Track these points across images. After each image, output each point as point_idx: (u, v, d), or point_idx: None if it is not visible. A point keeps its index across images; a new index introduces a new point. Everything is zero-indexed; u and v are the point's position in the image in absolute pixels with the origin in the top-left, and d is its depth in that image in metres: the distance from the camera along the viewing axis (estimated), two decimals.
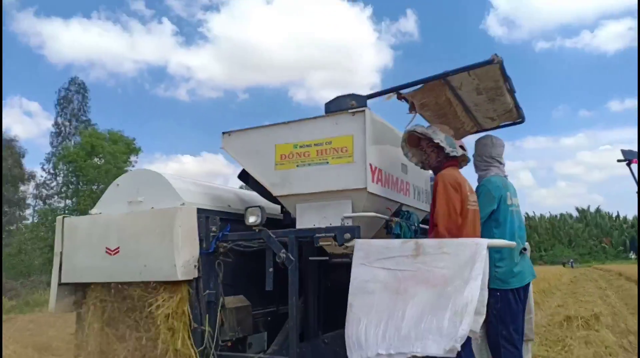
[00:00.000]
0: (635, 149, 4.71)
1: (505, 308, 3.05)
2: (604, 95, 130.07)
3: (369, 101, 3.09)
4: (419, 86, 3.05)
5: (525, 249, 3.25)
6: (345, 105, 3.01)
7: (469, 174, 3.19)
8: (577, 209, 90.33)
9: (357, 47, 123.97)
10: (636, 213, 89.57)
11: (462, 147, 3.06)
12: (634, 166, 4.64)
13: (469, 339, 2.42)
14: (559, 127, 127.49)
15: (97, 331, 3.28)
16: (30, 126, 61.28)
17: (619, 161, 4.57)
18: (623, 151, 4.58)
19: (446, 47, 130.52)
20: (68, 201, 26.78)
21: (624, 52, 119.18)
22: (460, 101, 3.34)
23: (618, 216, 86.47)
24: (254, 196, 3.78)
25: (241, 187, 4.86)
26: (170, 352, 2.95)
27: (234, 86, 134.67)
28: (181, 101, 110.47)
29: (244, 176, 3.53)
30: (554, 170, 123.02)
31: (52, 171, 29.05)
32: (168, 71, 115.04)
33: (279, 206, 3.55)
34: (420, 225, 3.43)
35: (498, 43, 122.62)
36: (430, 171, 3.41)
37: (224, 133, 3.40)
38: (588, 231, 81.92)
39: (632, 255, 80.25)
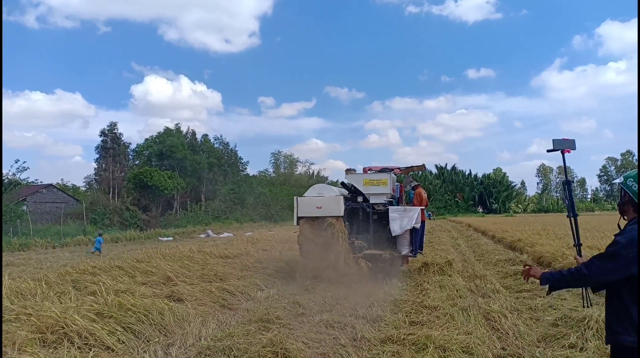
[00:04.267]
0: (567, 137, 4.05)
1: (423, 224, 11.85)
2: (463, 62, 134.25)
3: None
4: (405, 167, 11.71)
5: (426, 207, 11.99)
6: (386, 171, 11.45)
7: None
8: (436, 166, 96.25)
9: None
10: (487, 171, 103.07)
11: (414, 179, 11.76)
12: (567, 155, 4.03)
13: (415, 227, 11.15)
14: (423, 90, 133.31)
15: (305, 234, 11.29)
16: None
17: (548, 151, 4.02)
18: (554, 141, 4.05)
19: (325, 1, 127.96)
20: None
21: (481, 24, 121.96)
22: (412, 168, 12.07)
23: (470, 173, 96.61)
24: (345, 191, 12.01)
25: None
26: (341, 241, 11.10)
27: (93, 17, 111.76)
28: (29, 29, 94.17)
29: (343, 184, 11.86)
30: (417, 130, 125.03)
31: None
32: None
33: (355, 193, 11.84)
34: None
35: (372, 4, 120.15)
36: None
37: (346, 171, 11.64)
38: (444, 187, 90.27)
39: (480, 209, 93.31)
